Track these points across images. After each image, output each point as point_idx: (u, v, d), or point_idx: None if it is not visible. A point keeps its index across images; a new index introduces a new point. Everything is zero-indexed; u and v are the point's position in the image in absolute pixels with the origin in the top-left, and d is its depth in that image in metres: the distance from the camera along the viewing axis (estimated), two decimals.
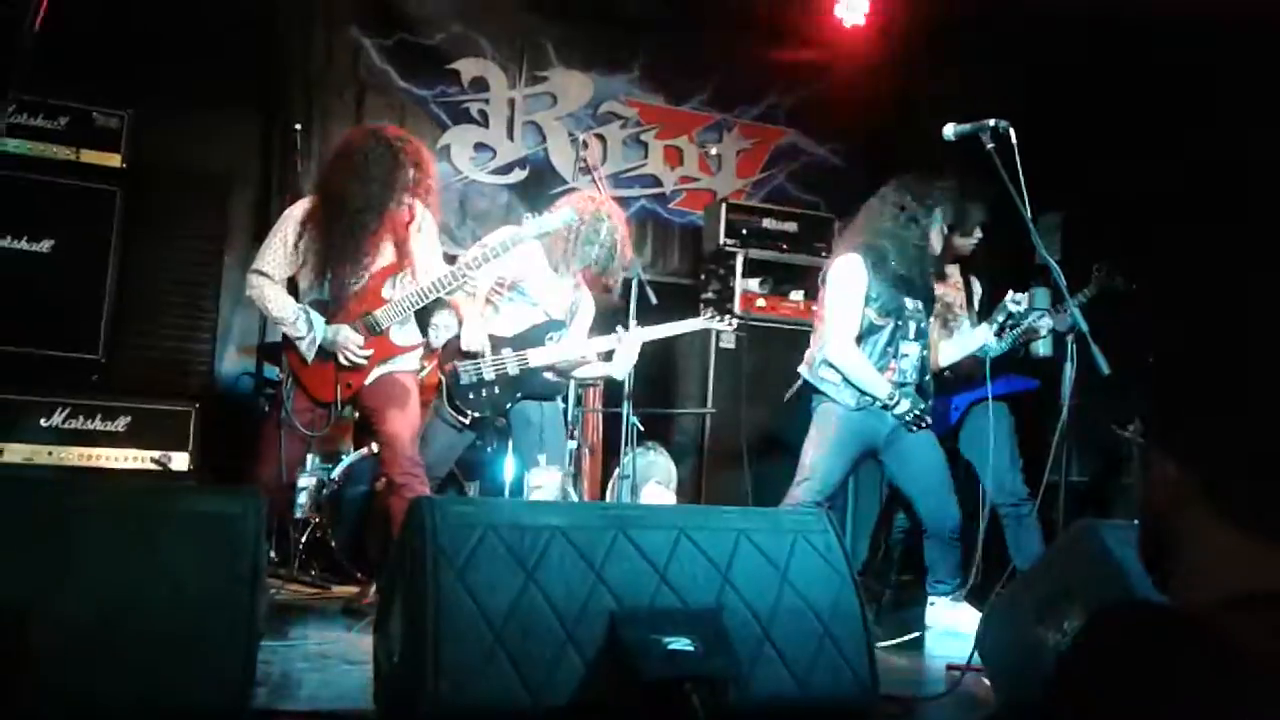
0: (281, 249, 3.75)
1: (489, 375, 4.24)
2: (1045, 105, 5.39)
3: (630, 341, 4.41)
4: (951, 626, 4.20)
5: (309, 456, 4.57)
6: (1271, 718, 0.74)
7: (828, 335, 4.13)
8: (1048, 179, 4.33)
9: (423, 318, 4.22)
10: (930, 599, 4.31)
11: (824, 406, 4.17)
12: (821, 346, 4.17)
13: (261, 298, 3.73)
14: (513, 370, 4.26)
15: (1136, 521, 1.04)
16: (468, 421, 4.25)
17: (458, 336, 4.23)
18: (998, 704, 3.05)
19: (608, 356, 4.48)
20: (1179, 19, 4.80)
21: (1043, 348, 4.80)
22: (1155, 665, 0.81)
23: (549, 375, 4.37)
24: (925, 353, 4.26)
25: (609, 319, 4.66)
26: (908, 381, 4.17)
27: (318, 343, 3.72)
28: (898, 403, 4.09)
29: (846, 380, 4.09)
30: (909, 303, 4.18)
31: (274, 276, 3.73)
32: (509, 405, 4.30)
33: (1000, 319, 4.40)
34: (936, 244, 4.21)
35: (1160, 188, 5.06)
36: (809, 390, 4.24)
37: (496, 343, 4.26)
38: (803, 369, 4.29)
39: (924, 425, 4.15)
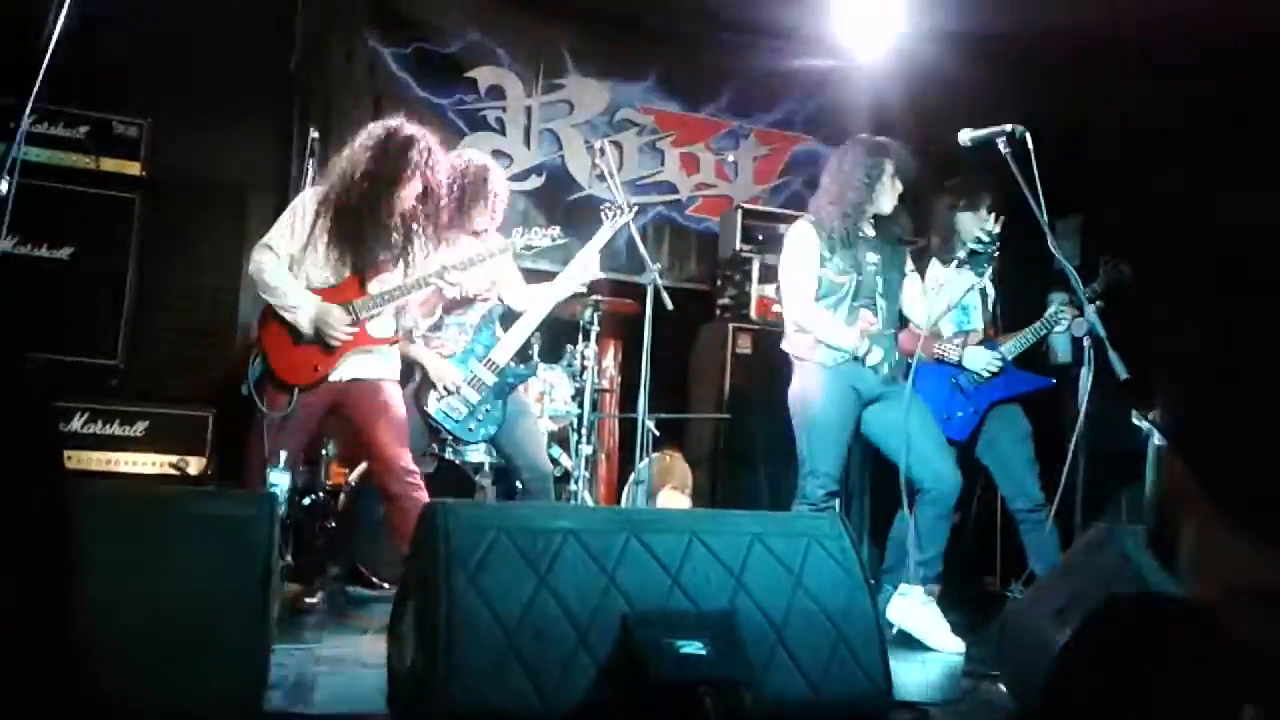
0: (291, 228, 3.79)
1: (474, 397, 4.24)
2: (1063, 110, 5.37)
3: (588, 261, 4.42)
4: (912, 628, 4.05)
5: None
6: (1263, 701, 0.74)
7: (786, 302, 4.19)
8: (1065, 184, 4.33)
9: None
10: (901, 588, 4.10)
11: (807, 367, 4.16)
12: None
13: (260, 269, 3.75)
14: (490, 379, 4.27)
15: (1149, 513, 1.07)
16: (483, 454, 4.33)
17: (420, 375, 4.24)
18: (1013, 710, 3.03)
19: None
20: (1191, 22, 4.79)
21: (1061, 353, 4.77)
22: (1152, 651, 0.81)
23: (514, 362, 4.38)
24: (895, 306, 4.25)
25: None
26: (884, 334, 4.16)
27: (311, 315, 3.73)
28: (869, 351, 4.08)
29: (818, 341, 4.11)
30: (870, 257, 4.17)
31: (279, 253, 3.77)
32: (504, 412, 4.31)
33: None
34: (883, 200, 4.16)
35: (1181, 192, 5.04)
36: (791, 359, 4.24)
37: (457, 362, 4.28)
38: (784, 345, 4.30)
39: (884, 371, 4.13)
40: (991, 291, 4.78)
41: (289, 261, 3.79)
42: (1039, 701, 0.85)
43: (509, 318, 4.46)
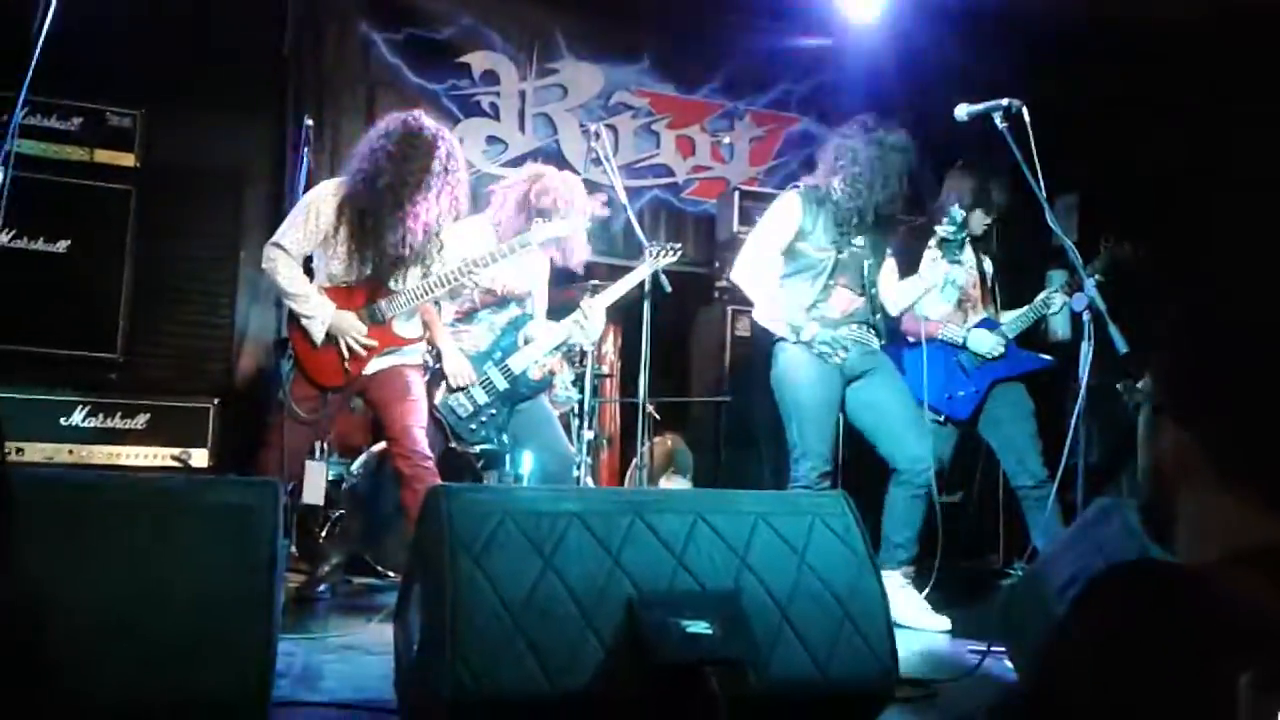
0: (304, 227, 3.76)
1: (482, 399, 4.25)
2: (1059, 86, 5.35)
3: (595, 310, 4.45)
4: (893, 614, 4.02)
5: (319, 447, 4.58)
6: (1260, 667, 0.74)
7: (739, 257, 4.17)
8: (1064, 160, 4.32)
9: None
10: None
11: (782, 350, 4.16)
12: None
13: (275, 270, 3.74)
14: (501, 384, 4.28)
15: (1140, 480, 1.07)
16: (478, 455, 4.31)
17: (439, 364, 4.24)
18: (1018, 684, 3.04)
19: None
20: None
21: (1059, 329, 4.76)
22: (1150, 618, 0.82)
23: (530, 371, 4.38)
24: (874, 291, 4.22)
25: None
26: (857, 318, 4.15)
27: (326, 324, 3.73)
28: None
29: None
30: (857, 240, 4.15)
31: (292, 253, 3.75)
32: (509, 420, 4.32)
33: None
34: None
35: (1176, 167, 5.04)
36: (772, 339, 4.21)
37: (475, 360, 4.28)
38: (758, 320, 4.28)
39: (842, 356, 4.08)
40: (990, 268, 4.76)
41: (303, 260, 3.79)
42: (1040, 672, 0.86)
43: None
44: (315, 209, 3.78)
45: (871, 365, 4.15)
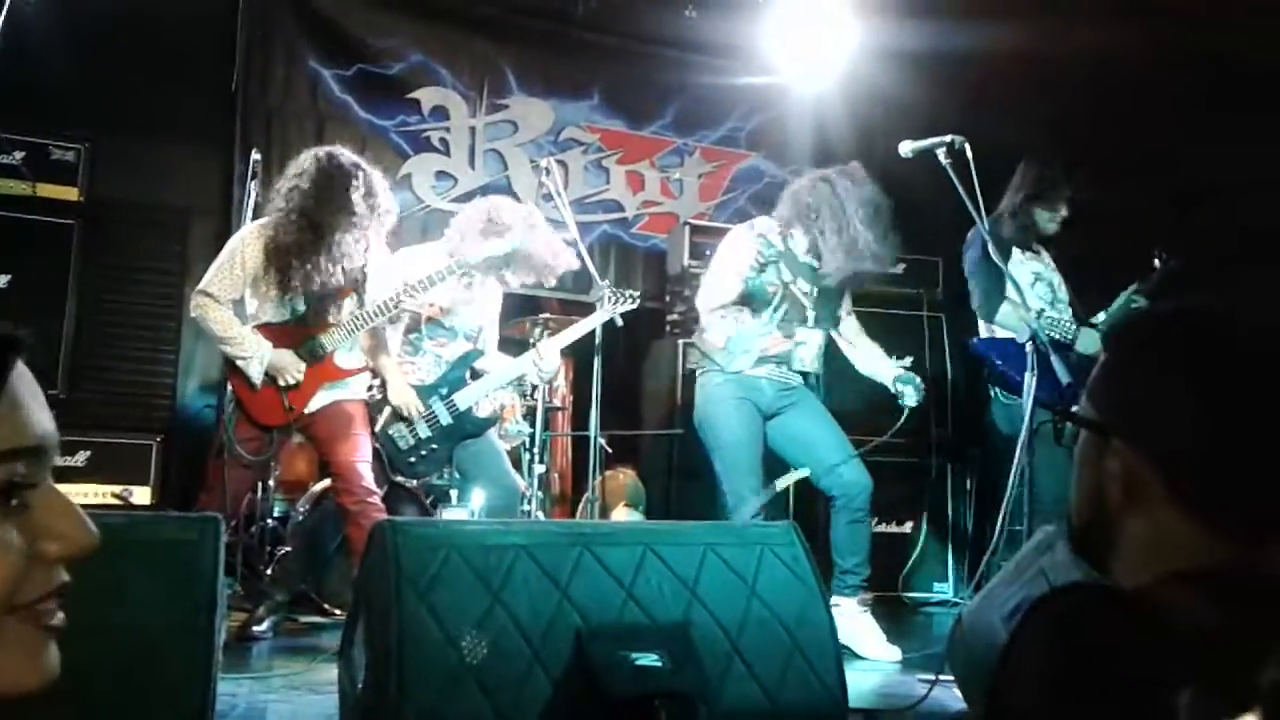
0: (230, 273, 3.76)
1: (424, 432, 4.21)
2: (999, 128, 5.45)
3: (550, 350, 4.40)
4: (846, 639, 3.84)
5: (263, 485, 4.53)
6: (1195, 688, 0.75)
7: (702, 296, 4.18)
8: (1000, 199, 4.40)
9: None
10: (834, 599, 4.00)
11: (705, 379, 4.23)
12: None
13: (204, 317, 3.73)
14: (445, 420, 4.24)
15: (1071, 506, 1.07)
16: (426, 491, 4.28)
17: (383, 393, 4.21)
18: (967, 713, 3.04)
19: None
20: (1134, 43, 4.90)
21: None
22: (1089, 640, 0.82)
23: (477, 409, 4.35)
24: (822, 341, 4.25)
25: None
26: (779, 359, 4.16)
27: (264, 364, 3.70)
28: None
29: (733, 344, 4.12)
30: (803, 285, 4.17)
31: (220, 299, 3.73)
32: (451, 456, 4.29)
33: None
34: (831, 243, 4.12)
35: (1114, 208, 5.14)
36: (700, 364, 4.28)
37: (421, 392, 4.24)
38: (696, 342, 4.34)
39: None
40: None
41: (231, 306, 3.76)
42: (987, 701, 0.86)
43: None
44: (240, 254, 3.78)
45: (789, 400, 4.18)
